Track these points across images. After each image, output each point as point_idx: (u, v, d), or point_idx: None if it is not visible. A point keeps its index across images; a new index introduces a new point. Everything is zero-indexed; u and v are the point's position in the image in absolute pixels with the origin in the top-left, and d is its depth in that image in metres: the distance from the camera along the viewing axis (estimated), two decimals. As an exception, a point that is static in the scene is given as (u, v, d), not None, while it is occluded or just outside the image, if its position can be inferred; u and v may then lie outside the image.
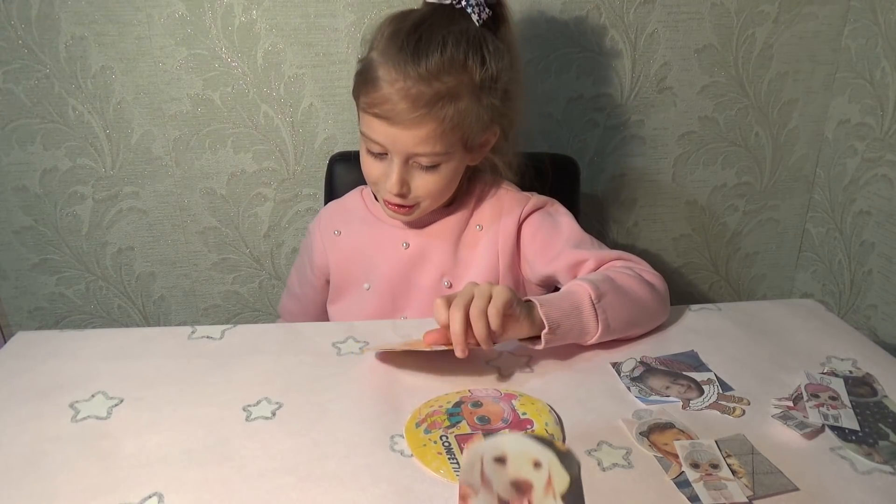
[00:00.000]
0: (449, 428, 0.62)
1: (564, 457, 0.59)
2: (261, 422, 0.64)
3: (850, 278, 1.32)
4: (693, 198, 1.38)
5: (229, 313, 1.40)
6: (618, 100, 1.27)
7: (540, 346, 0.71)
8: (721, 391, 0.68)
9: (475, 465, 0.56)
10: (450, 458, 0.58)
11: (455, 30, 0.80)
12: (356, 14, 1.17)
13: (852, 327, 0.82)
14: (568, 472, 0.57)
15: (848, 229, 1.31)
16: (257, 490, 0.55)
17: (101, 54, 1.17)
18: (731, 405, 0.66)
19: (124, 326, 1.38)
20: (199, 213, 1.30)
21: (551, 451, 0.58)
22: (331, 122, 1.24)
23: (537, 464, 0.57)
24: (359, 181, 0.95)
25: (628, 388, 0.69)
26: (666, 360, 0.74)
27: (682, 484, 0.55)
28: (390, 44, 0.80)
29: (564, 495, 0.54)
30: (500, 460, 0.57)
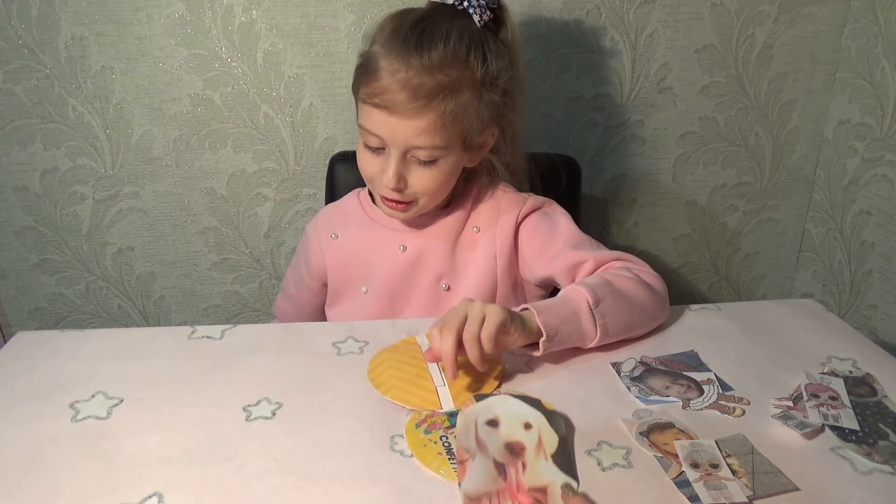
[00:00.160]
0: (449, 428, 0.62)
1: (552, 416, 0.62)
2: (261, 422, 0.64)
3: (850, 278, 1.32)
4: (693, 198, 1.38)
5: (229, 313, 1.40)
6: (618, 100, 1.27)
7: (538, 353, 0.72)
8: (721, 391, 0.68)
9: (470, 428, 0.59)
10: (450, 458, 0.58)
11: (458, 26, 0.80)
12: (356, 14, 1.17)
13: (852, 327, 0.82)
14: (557, 431, 0.60)
15: (848, 229, 1.31)
16: (257, 490, 0.55)
17: (101, 54, 1.17)
18: (731, 405, 0.66)
19: (124, 326, 1.38)
20: (199, 213, 1.30)
21: (540, 412, 0.62)
22: (331, 122, 1.24)
23: (528, 425, 0.60)
24: (359, 182, 0.95)
25: (628, 388, 0.69)
26: (666, 360, 0.74)
27: (682, 484, 0.55)
28: (393, 36, 0.80)
29: (554, 455, 0.57)
30: (493, 423, 0.60)
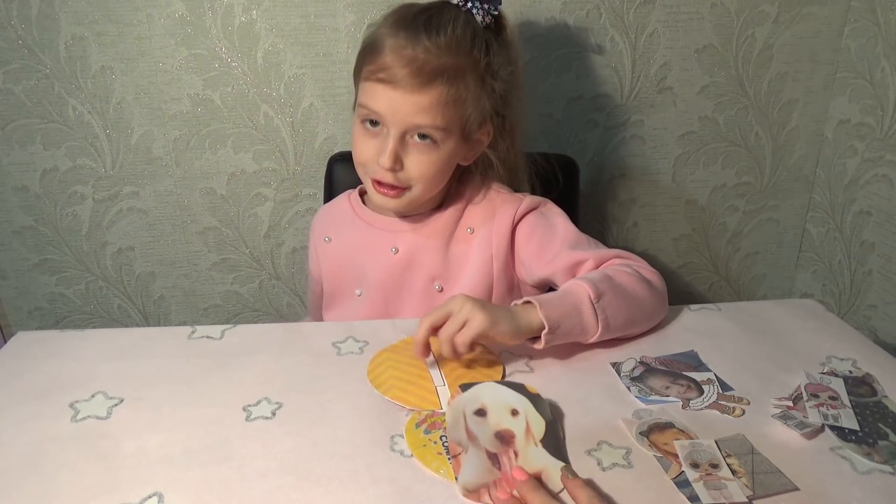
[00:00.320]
0: (449, 428, 0.62)
1: (536, 400, 0.63)
2: (261, 422, 0.64)
3: (850, 278, 1.32)
4: (693, 198, 1.38)
5: (229, 313, 1.40)
6: (618, 100, 1.27)
7: (540, 346, 0.72)
8: (721, 391, 0.68)
9: (459, 420, 0.60)
10: (450, 459, 0.58)
11: (463, 18, 0.82)
12: (356, 14, 1.17)
13: (852, 327, 0.82)
14: (543, 416, 0.61)
15: (848, 229, 1.31)
16: (257, 490, 0.55)
17: (101, 54, 1.17)
18: (730, 405, 0.66)
19: (124, 326, 1.38)
20: (199, 213, 1.30)
21: (525, 397, 0.63)
22: (331, 122, 1.24)
23: (514, 412, 0.61)
24: (359, 181, 0.95)
25: (628, 388, 0.69)
26: (666, 360, 0.74)
27: (681, 484, 0.55)
28: (401, 20, 0.81)
29: (543, 440, 0.58)
30: (481, 412, 0.61)
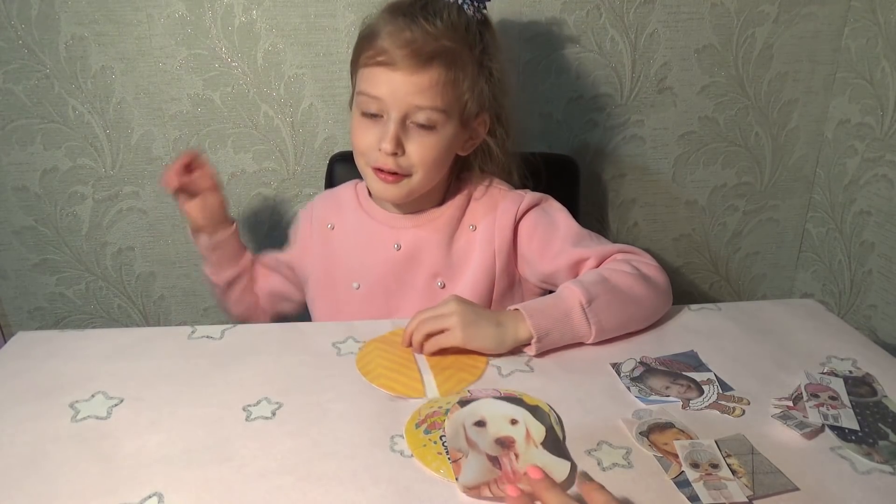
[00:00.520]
0: (449, 428, 0.62)
1: (535, 411, 0.64)
2: (261, 422, 0.64)
3: (850, 278, 1.32)
4: (693, 198, 1.38)
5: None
6: (618, 100, 1.27)
7: (532, 353, 0.74)
8: (721, 391, 0.68)
9: (458, 431, 0.60)
10: (450, 460, 0.58)
11: (456, 8, 0.83)
12: (356, 14, 1.17)
13: (852, 327, 0.82)
14: (542, 423, 0.62)
15: (848, 229, 1.31)
16: (257, 490, 0.55)
17: (101, 54, 1.17)
18: (730, 405, 0.66)
19: (124, 326, 1.38)
20: (199, 213, 1.30)
21: (523, 408, 0.64)
22: (331, 122, 1.24)
23: (514, 421, 0.62)
24: (360, 178, 0.95)
25: (628, 388, 0.69)
26: (666, 360, 0.74)
27: (682, 484, 0.55)
28: (396, 8, 0.82)
29: (544, 443, 0.60)
30: (480, 423, 0.62)
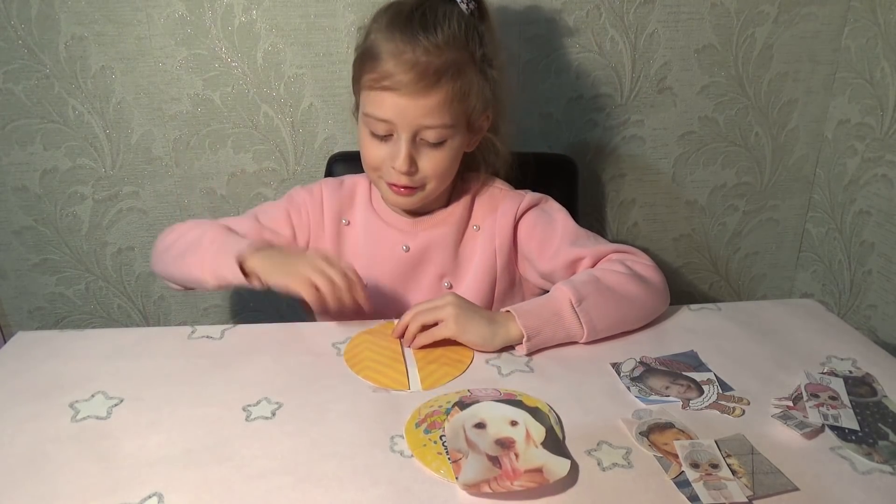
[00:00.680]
0: (449, 428, 0.62)
1: (535, 412, 0.64)
2: (261, 422, 0.64)
3: (850, 278, 1.32)
4: (693, 198, 1.38)
5: (229, 313, 1.40)
6: (618, 100, 1.27)
7: (523, 352, 0.75)
8: (721, 391, 0.68)
9: (458, 433, 0.60)
10: (450, 460, 0.58)
11: (452, 11, 0.82)
12: (356, 14, 1.17)
13: (852, 327, 0.82)
14: (542, 424, 0.62)
15: (848, 229, 1.31)
16: (257, 490, 0.55)
17: (101, 54, 1.17)
18: (730, 405, 0.66)
19: (124, 326, 1.38)
20: (199, 213, 1.30)
21: (523, 410, 0.64)
22: (331, 122, 1.24)
23: (514, 422, 0.62)
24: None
25: (628, 388, 0.69)
26: (666, 360, 0.74)
27: (682, 484, 0.55)
28: (394, 22, 0.81)
29: (544, 443, 0.59)
30: (480, 426, 0.62)
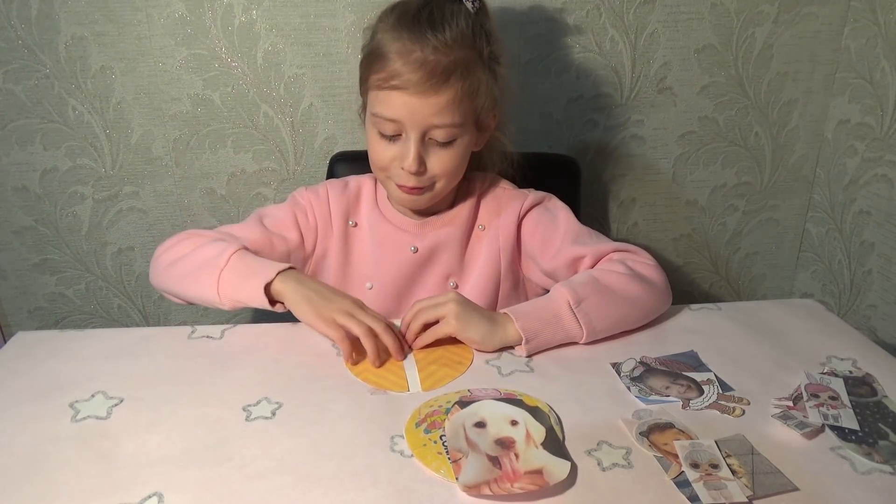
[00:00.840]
0: (449, 428, 0.62)
1: (535, 412, 0.64)
2: (261, 422, 0.64)
3: (850, 278, 1.32)
4: (693, 198, 1.38)
5: (229, 313, 1.40)
6: (618, 100, 1.27)
7: (523, 354, 0.75)
8: (721, 391, 0.68)
9: (459, 432, 0.60)
10: (450, 460, 0.58)
11: (459, 10, 0.82)
12: (356, 14, 1.17)
13: (852, 327, 0.82)
14: (542, 424, 0.62)
15: (848, 229, 1.31)
16: (257, 490, 0.55)
17: (101, 54, 1.17)
18: (730, 405, 0.66)
19: (124, 326, 1.38)
20: (199, 213, 1.30)
21: (524, 409, 0.64)
22: (331, 122, 1.24)
23: (514, 422, 0.62)
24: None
25: (628, 388, 0.69)
26: (666, 360, 0.74)
27: (682, 484, 0.55)
28: (401, 21, 0.81)
29: (544, 444, 0.59)
30: (480, 425, 0.62)
